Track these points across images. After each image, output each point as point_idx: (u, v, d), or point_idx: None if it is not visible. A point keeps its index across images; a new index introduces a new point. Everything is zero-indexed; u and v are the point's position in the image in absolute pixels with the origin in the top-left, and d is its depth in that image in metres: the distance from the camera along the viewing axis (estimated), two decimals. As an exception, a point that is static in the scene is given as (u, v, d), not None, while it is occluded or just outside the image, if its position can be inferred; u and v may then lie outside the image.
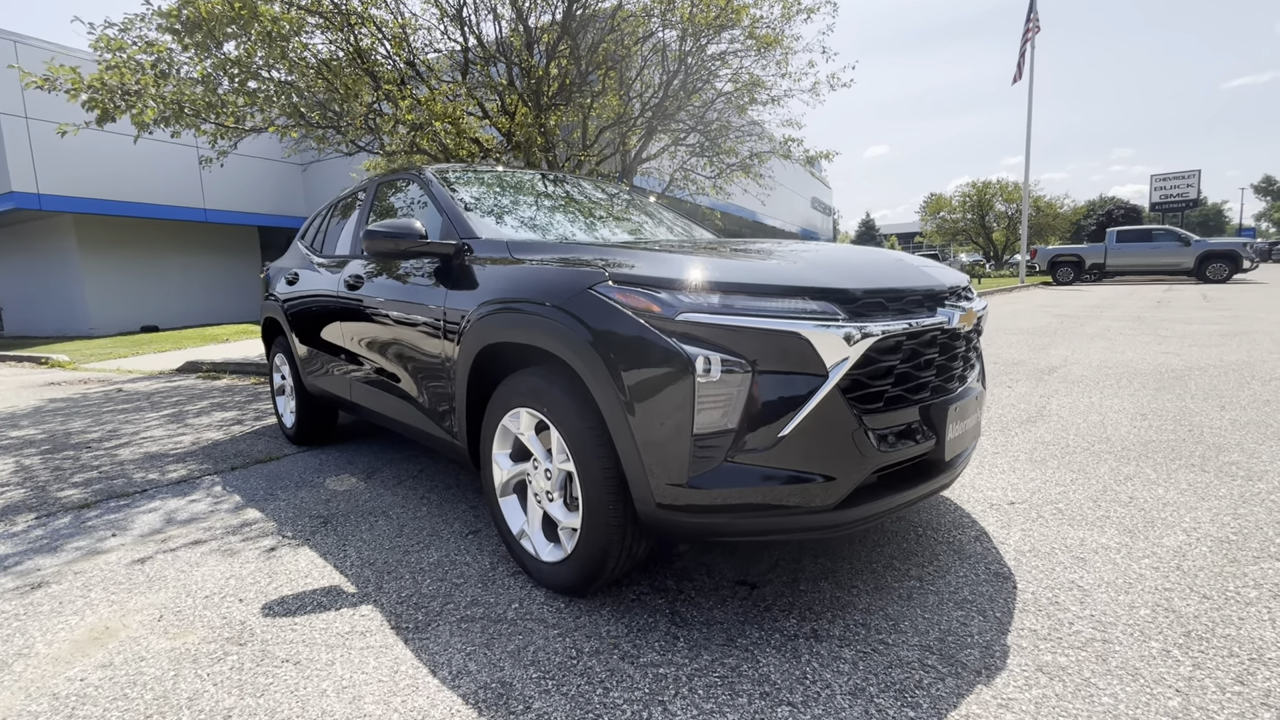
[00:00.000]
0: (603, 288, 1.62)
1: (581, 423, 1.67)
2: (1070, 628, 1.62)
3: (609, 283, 1.62)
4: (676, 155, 10.07)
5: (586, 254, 1.77)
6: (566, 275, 1.72)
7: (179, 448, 3.97)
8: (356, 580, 2.06)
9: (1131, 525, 2.21)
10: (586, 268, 1.69)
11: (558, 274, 1.75)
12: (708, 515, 1.54)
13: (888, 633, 1.64)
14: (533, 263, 1.90)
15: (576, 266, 1.73)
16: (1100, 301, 12.73)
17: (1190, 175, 42.89)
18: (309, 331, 3.39)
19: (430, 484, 3.01)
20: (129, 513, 2.86)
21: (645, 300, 1.54)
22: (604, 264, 1.67)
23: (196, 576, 2.14)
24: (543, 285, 1.77)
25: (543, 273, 1.81)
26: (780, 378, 1.49)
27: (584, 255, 1.76)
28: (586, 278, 1.66)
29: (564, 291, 1.69)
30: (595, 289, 1.63)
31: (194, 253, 16.34)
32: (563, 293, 1.70)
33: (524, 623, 1.76)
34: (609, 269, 1.65)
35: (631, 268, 1.64)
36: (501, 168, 3.15)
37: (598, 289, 1.62)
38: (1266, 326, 7.74)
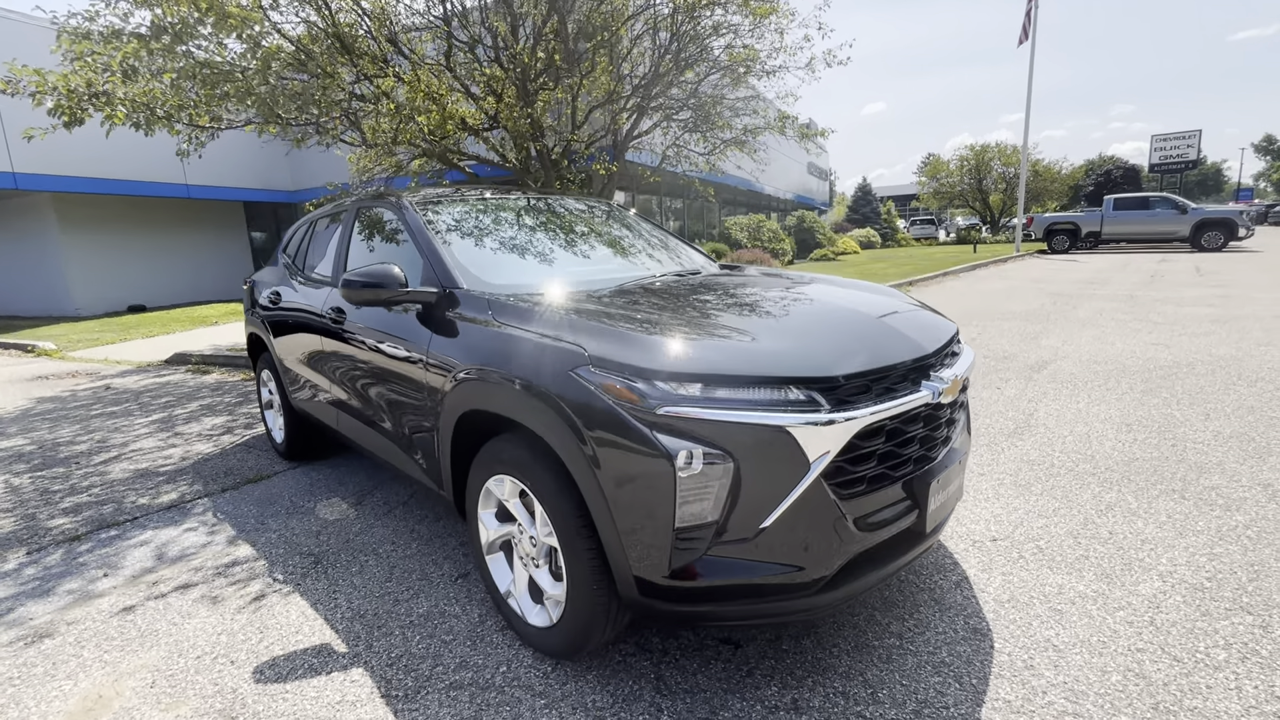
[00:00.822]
0: (584, 371, 1.60)
1: (564, 503, 1.67)
2: (1044, 698, 1.67)
3: (590, 367, 1.59)
4: (669, 131, 9.85)
5: (567, 330, 1.74)
6: (548, 354, 1.69)
7: (169, 463, 3.97)
8: (347, 637, 2.08)
9: (1109, 569, 2.25)
10: (568, 346, 1.66)
11: (540, 351, 1.72)
12: (690, 603, 1.56)
13: (866, 703, 1.68)
14: (514, 330, 1.86)
15: (558, 343, 1.70)
16: (1094, 276, 12.70)
17: (1191, 135, 42.35)
18: (295, 355, 3.35)
19: (419, 513, 3.03)
20: (120, 546, 2.87)
21: (626, 389, 1.52)
22: (584, 347, 1.64)
23: (188, 631, 2.17)
24: (525, 361, 1.75)
25: (525, 346, 1.78)
26: (762, 469, 1.49)
27: (564, 333, 1.72)
28: (568, 359, 1.64)
29: (545, 372, 1.67)
30: (577, 372, 1.60)
31: (178, 230, 16.03)
32: (544, 373, 1.67)
33: (511, 690, 1.80)
34: (590, 350, 1.62)
35: (613, 349, 1.61)
36: (485, 194, 3.06)
37: (579, 372, 1.60)
38: (1256, 309, 7.76)
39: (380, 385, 2.51)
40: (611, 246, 3.03)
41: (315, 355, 3.09)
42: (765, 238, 18.71)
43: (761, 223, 19.78)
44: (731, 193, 23.33)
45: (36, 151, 12.21)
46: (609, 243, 3.06)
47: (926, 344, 1.85)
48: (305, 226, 3.73)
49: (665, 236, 3.40)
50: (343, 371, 2.83)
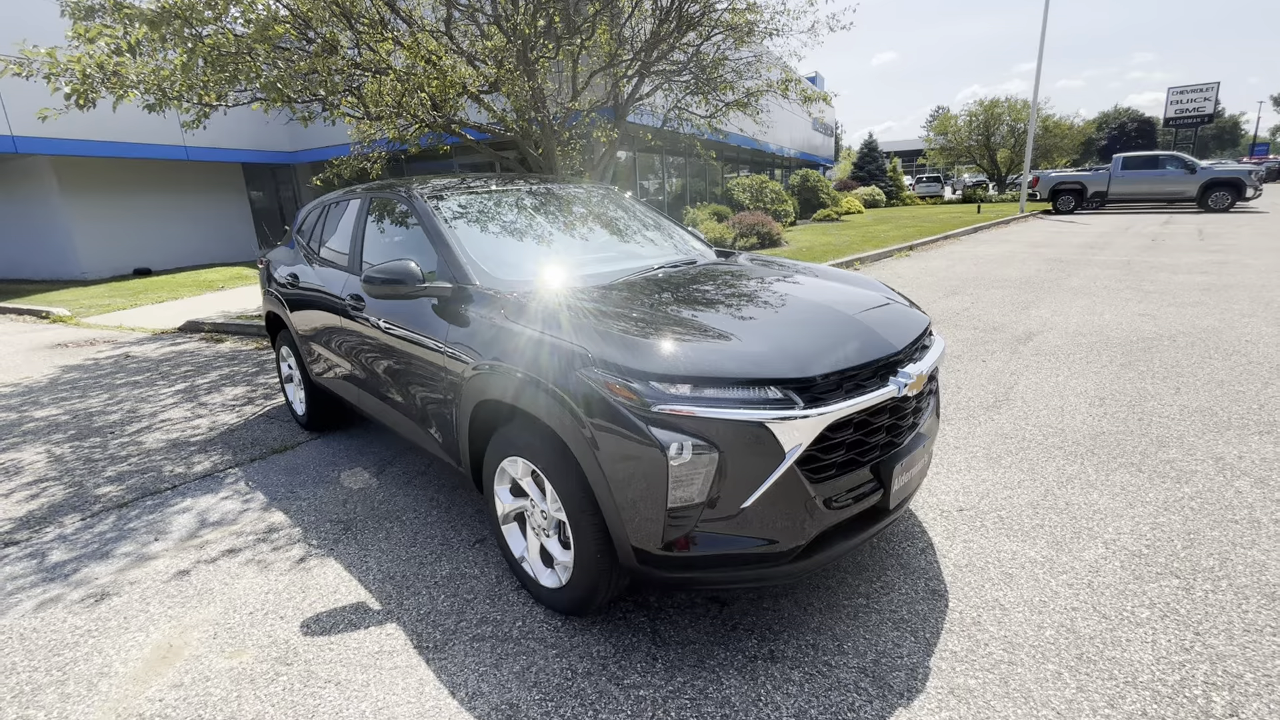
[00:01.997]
0: (588, 372, 1.81)
1: (571, 484, 1.91)
2: (985, 649, 1.94)
3: (593, 368, 1.80)
4: (671, 93, 9.78)
5: (573, 332, 1.93)
6: (557, 354, 1.90)
7: (198, 433, 4.23)
8: (380, 596, 2.36)
9: (1060, 537, 2.50)
10: (574, 348, 1.87)
11: (549, 351, 1.92)
12: (681, 570, 1.81)
13: (832, 654, 1.96)
14: (525, 329, 2.06)
15: (565, 344, 1.90)
16: (1094, 239, 12.73)
17: (1208, 88, 41.24)
18: (315, 335, 3.56)
19: (437, 483, 3.29)
20: (164, 513, 3.15)
21: (624, 388, 1.74)
22: (587, 349, 1.85)
23: (239, 590, 2.45)
24: (536, 359, 1.95)
25: (535, 345, 1.98)
26: (743, 458, 1.71)
27: (570, 335, 1.92)
28: (575, 360, 1.85)
29: (556, 370, 1.88)
30: (582, 372, 1.82)
31: (179, 192, 16.00)
32: (553, 371, 1.88)
33: (527, 642, 2.08)
34: (592, 352, 1.83)
35: (612, 352, 1.81)
36: (490, 184, 3.21)
37: (584, 372, 1.81)
38: (1249, 276, 7.88)
39: (401, 369, 2.73)
40: (611, 236, 3.20)
41: (335, 336, 3.30)
42: (768, 199, 18.59)
43: (764, 183, 19.59)
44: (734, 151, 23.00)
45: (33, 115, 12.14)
46: (609, 232, 3.23)
47: (896, 341, 2.05)
48: (318, 210, 3.88)
49: (659, 220, 3.55)
50: (363, 353, 3.04)
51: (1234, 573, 2.23)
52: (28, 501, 3.34)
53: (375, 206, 3.21)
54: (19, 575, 2.66)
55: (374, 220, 3.19)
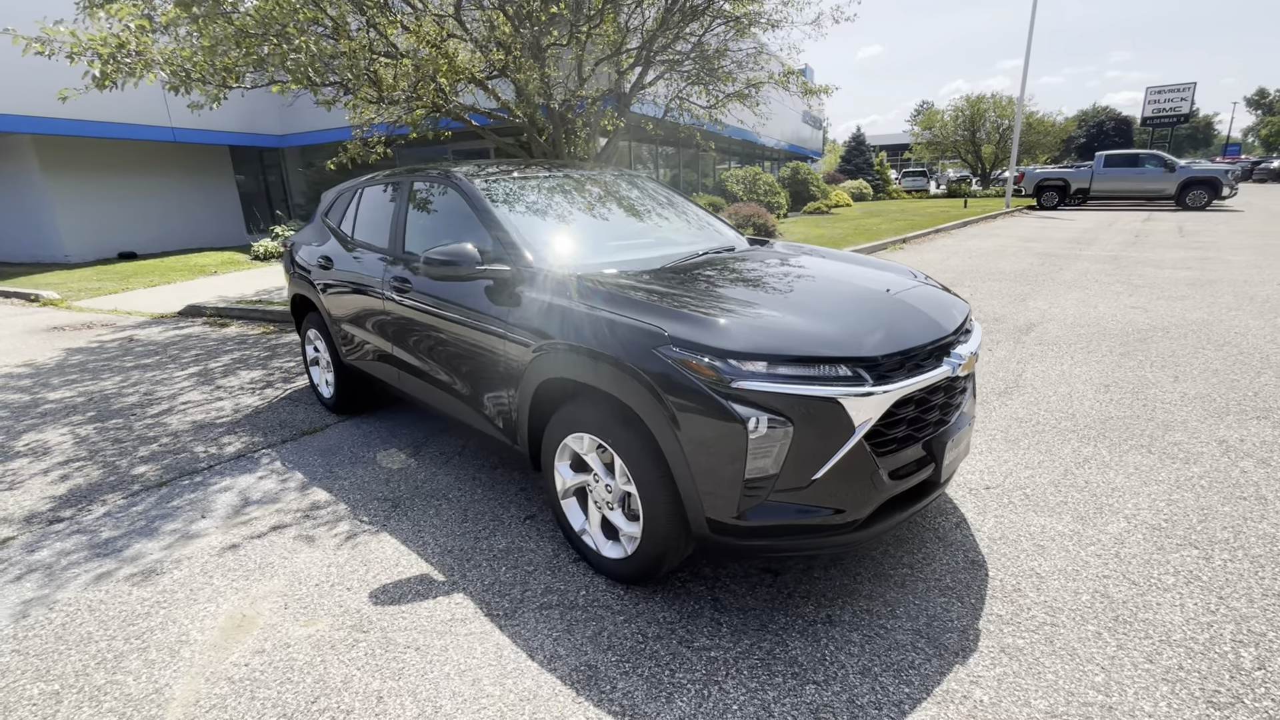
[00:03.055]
0: (666, 350, 1.89)
1: (644, 458, 2.00)
2: (1028, 613, 2.07)
3: (670, 346, 1.89)
4: (672, 82, 9.84)
5: (646, 313, 2.02)
6: (634, 333, 1.98)
7: (223, 416, 4.24)
8: (441, 568, 2.44)
9: (1084, 512, 2.66)
10: (650, 327, 1.95)
11: (625, 330, 2.00)
12: (752, 538, 1.92)
13: (886, 618, 2.08)
14: (597, 311, 2.14)
15: (641, 324, 1.98)
16: (1080, 235, 13.05)
17: (1185, 88, 42.11)
18: (350, 319, 3.59)
19: (477, 462, 3.36)
20: (205, 491, 3.18)
21: (705, 365, 1.83)
22: (664, 328, 1.93)
23: (299, 564, 2.51)
24: (611, 339, 2.03)
25: (609, 326, 2.06)
26: (815, 431, 1.82)
27: (645, 315, 2.01)
28: (652, 339, 1.93)
29: (631, 349, 1.96)
30: (660, 350, 1.90)
31: (165, 174, 15.65)
32: (630, 350, 1.96)
33: (594, 609, 2.17)
34: (669, 331, 1.92)
35: (690, 331, 1.90)
36: (532, 169, 3.27)
37: (661, 351, 1.90)
38: (1231, 272, 8.18)
39: (451, 350, 2.79)
40: (653, 221, 3.28)
41: (375, 319, 3.34)
42: (761, 191, 18.71)
43: (758, 175, 19.71)
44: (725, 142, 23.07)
45: (14, 90, 11.80)
46: (650, 217, 3.31)
47: (947, 325, 2.17)
48: (350, 193, 3.89)
49: (691, 206, 3.64)
50: (406, 335, 3.09)
51: (1248, 544, 2.39)
52: (63, 481, 3.35)
53: (419, 190, 3.24)
54: (70, 551, 2.69)
55: (416, 203, 3.23)
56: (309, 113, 15.04)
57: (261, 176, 18.60)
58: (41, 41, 4.04)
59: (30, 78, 11.59)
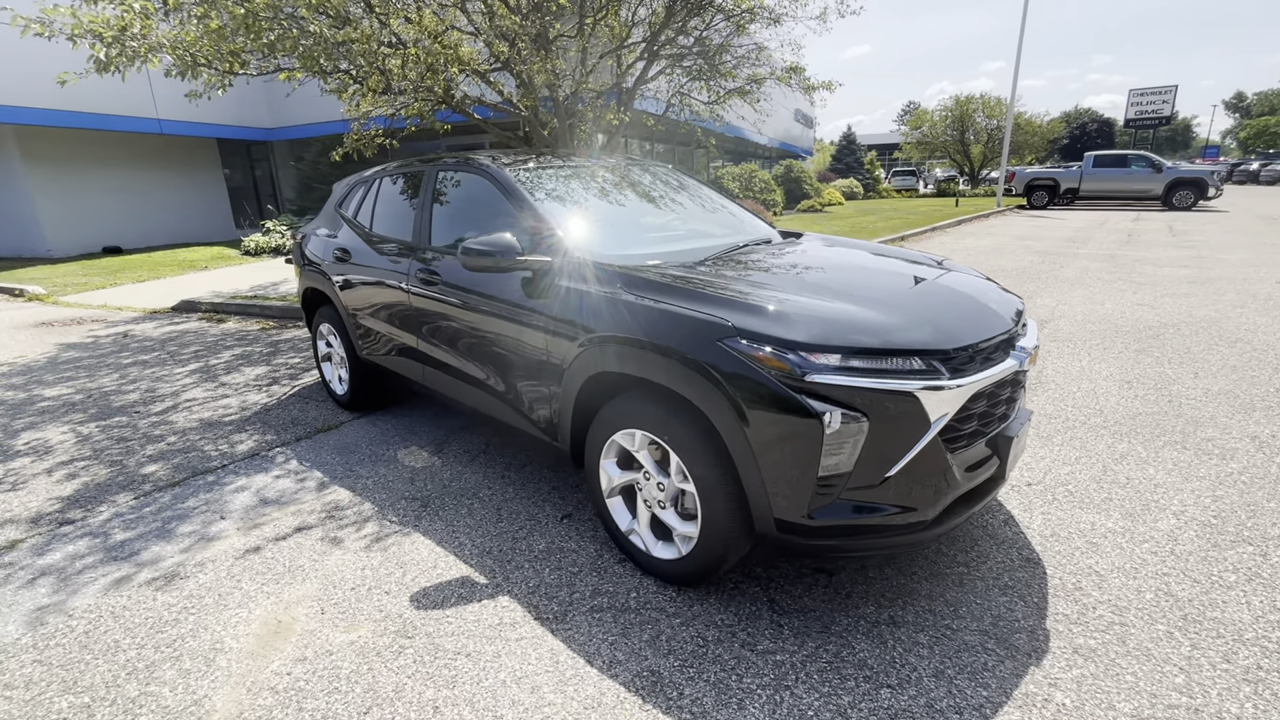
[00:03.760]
0: (733, 343, 1.82)
1: (705, 455, 1.93)
2: (1094, 612, 2.03)
3: (738, 339, 1.82)
4: (674, 78, 9.78)
5: (707, 304, 1.94)
6: (695, 325, 1.90)
7: (230, 413, 4.10)
8: (482, 570, 2.35)
9: (1131, 508, 2.62)
10: (714, 319, 1.87)
11: (686, 321, 1.92)
12: (820, 538, 1.85)
13: (951, 618, 2.03)
14: (652, 302, 2.05)
15: (703, 316, 1.90)
16: (1074, 234, 13.16)
17: (1167, 91, 42.80)
18: (369, 312, 3.48)
19: (504, 459, 3.27)
20: (220, 492, 3.06)
21: (775, 358, 1.76)
22: (729, 320, 1.85)
23: (330, 567, 2.40)
24: (669, 331, 1.95)
25: (668, 317, 1.98)
26: (890, 427, 1.76)
27: (706, 307, 1.93)
28: (716, 330, 1.85)
29: (694, 341, 1.88)
30: (726, 343, 1.82)
31: (151, 167, 15.29)
32: (693, 342, 1.88)
33: (647, 612, 2.09)
34: (736, 323, 1.84)
35: (758, 323, 1.83)
36: (562, 159, 3.18)
37: (728, 343, 1.82)
38: (1228, 270, 8.26)
39: (484, 344, 2.69)
40: (688, 212, 3.21)
41: (397, 312, 3.23)
42: (757, 189, 18.69)
43: (754, 172, 19.69)
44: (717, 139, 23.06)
45: (2, 77, 11.45)
46: (685, 208, 3.24)
47: (1010, 318, 2.12)
48: (365, 184, 3.77)
49: (719, 197, 3.57)
50: (434, 330, 2.99)
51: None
52: (69, 481, 3.21)
53: (445, 180, 3.14)
54: (82, 554, 2.56)
55: (442, 194, 3.13)
56: (299, 106, 14.77)
57: (250, 170, 18.26)
58: (41, 23, 3.87)
59: (12, 66, 11.26)
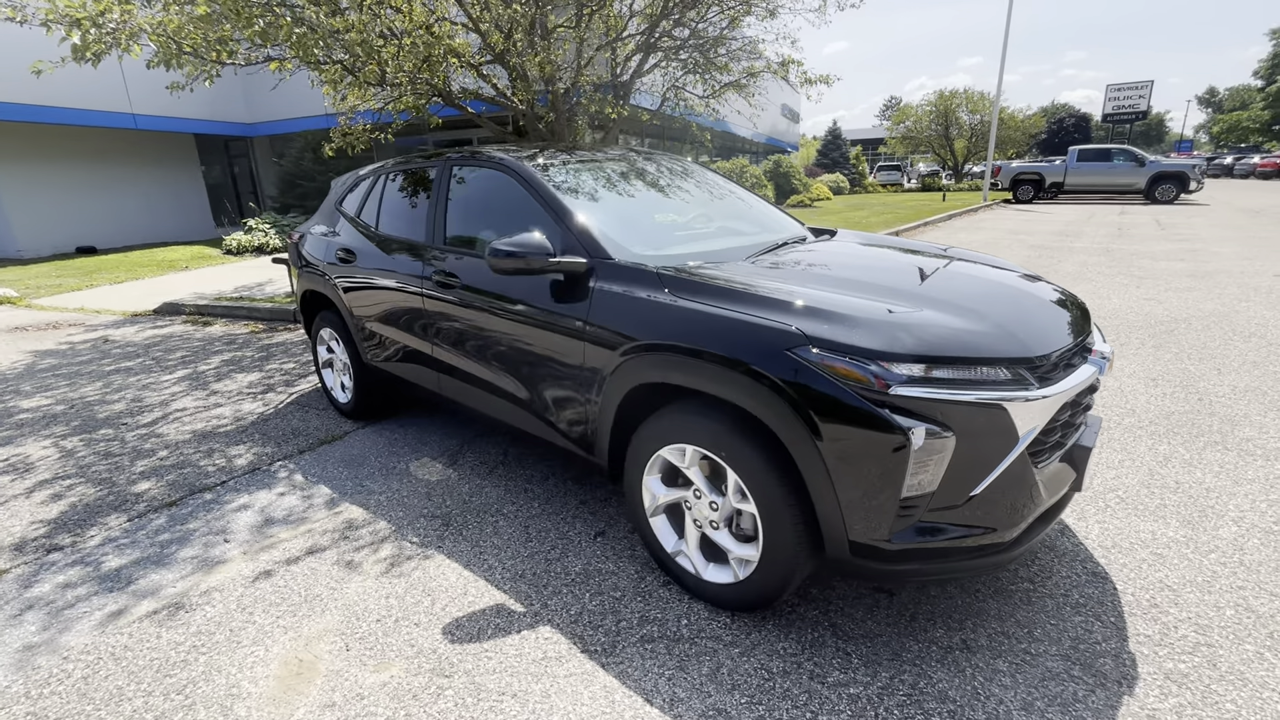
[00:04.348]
0: (804, 352, 1.67)
1: (770, 473, 1.78)
2: (1177, 632, 1.91)
3: (809, 348, 1.67)
4: (669, 72, 9.64)
5: (768, 309, 1.79)
6: (760, 333, 1.74)
7: (224, 424, 3.87)
8: (517, 596, 2.18)
9: (1188, 515, 2.52)
10: (781, 326, 1.72)
11: (748, 329, 1.77)
12: (898, 563, 1.71)
13: (1027, 641, 1.90)
14: (706, 307, 1.90)
15: (768, 322, 1.75)
16: (1065, 228, 13.22)
17: (1143, 86, 43.44)
18: (377, 317, 3.28)
19: (525, 472, 3.09)
20: (221, 511, 2.85)
21: (854, 369, 1.61)
22: (798, 327, 1.70)
23: (350, 596, 2.22)
24: (730, 339, 1.79)
25: (724, 324, 1.82)
26: (977, 442, 1.62)
27: (769, 313, 1.77)
28: (783, 338, 1.70)
29: (759, 351, 1.73)
30: (796, 352, 1.67)
31: (126, 164, 14.77)
32: (758, 352, 1.73)
33: (703, 641, 1.94)
34: (807, 331, 1.69)
35: (832, 331, 1.68)
36: (582, 152, 3.00)
37: (798, 353, 1.67)
38: (1223, 264, 8.30)
39: (510, 353, 2.52)
40: (719, 208, 3.07)
41: (410, 317, 3.04)
42: (748, 184, 18.59)
43: (744, 167, 19.60)
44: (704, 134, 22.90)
45: None
46: (715, 204, 3.09)
47: (1084, 322, 1.99)
48: (368, 181, 3.56)
49: (747, 193, 3.42)
50: (452, 336, 2.80)
51: (1369, 547, 2.28)
52: (54, 502, 2.98)
53: (459, 177, 2.95)
54: (74, 584, 2.35)
55: (458, 191, 2.94)
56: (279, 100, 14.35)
57: (228, 167, 17.75)
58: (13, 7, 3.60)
59: (-25, 58, 10.76)
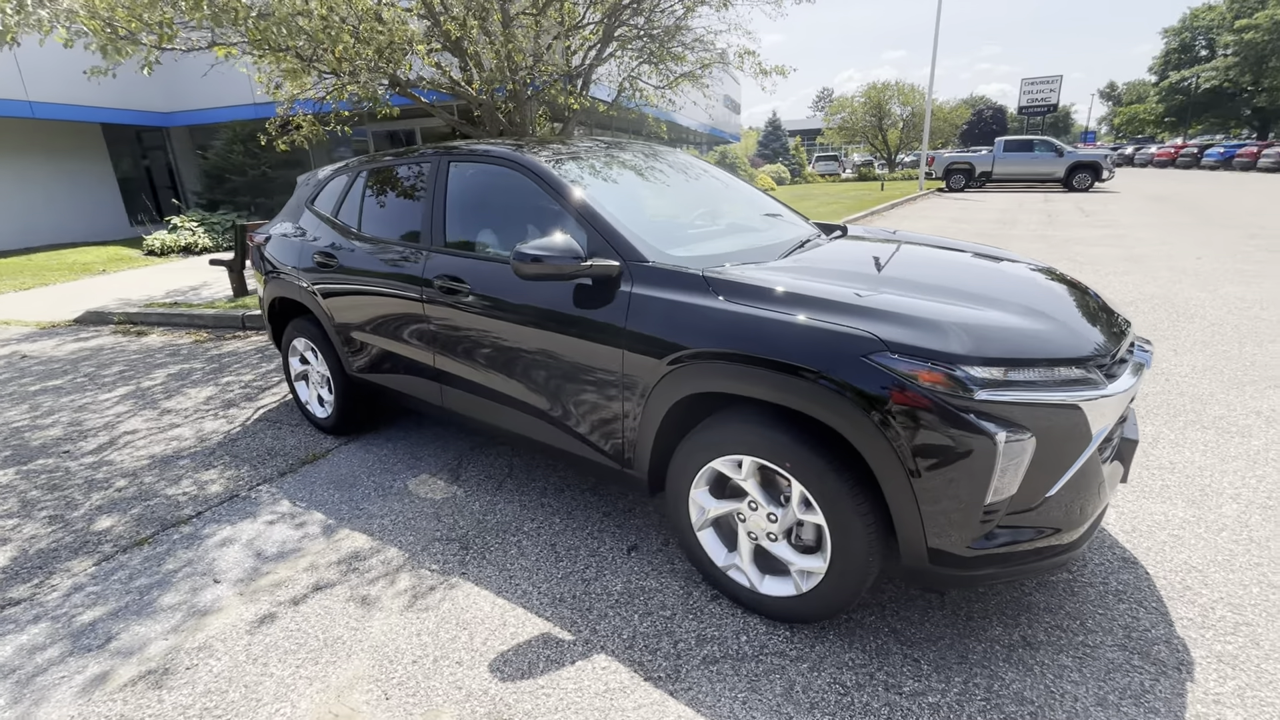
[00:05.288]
0: (881, 358, 1.61)
1: (840, 483, 1.72)
2: (1215, 613, 1.98)
3: (887, 353, 1.61)
4: (624, 62, 9.50)
5: (835, 312, 1.72)
6: (833, 339, 1.68)
7: (186, 446, 3.53)
8: (561, 623, 2.05)
9: (1191, 495, 2.64)
10: (856, 331, 1.66)
11: (819, 335, 1.70)
12: (977, 568, 1.69)
13: (1082, 633, 1.93)
14: (762, 311, 1.81)
15: (841, 328, 1.68)
16: (1001, 216, 13.89)
17: (1054, 80, 46.23)
18: (367, 325, 3.03)
19: (537, 485, 2.94)
20: (202, 548, 2.58)
21: (937, 374, 1.56)
22: (874, 332, 1.65)
23: (376, 636, 2.03)
24: (798, 346, 1.72)
25: (791, 330, 1.74)
26: (1054, 443, 1.61)
27: (840, 317, 1.71)
28: (860, 344, 1.64)
29: (833, 357, 1.66)
30: (873, 358, 1.62)
31: (24, 157, 13.36)
32: (832, 358, 1.66)
33: (768, 658, 1.88)
34: (883, 336, 1.63)
35: (906, 335, 1.63)
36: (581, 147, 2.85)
37: (876, 359, 1.61)
38: (1149, 249, 8.89)
39: (532, 363, 2.36)
40: (728, 202, 3.00)
41: (408, 325, 2.82)
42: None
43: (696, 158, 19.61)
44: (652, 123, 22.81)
45: None
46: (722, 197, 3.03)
47: (1124, 317, 2.03)
48: (345, 177, 3.29)
49: (746, 186, 3.36)
50: (460, 345, 2.62)
51: (1356, 517, 2.45)
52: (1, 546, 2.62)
53: (458, 173, 2.74)
54: (41, 645, 2.07)
55: (458, 189, 2.73)
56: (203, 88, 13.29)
57: (143, 160, 16.36)
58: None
59: None
